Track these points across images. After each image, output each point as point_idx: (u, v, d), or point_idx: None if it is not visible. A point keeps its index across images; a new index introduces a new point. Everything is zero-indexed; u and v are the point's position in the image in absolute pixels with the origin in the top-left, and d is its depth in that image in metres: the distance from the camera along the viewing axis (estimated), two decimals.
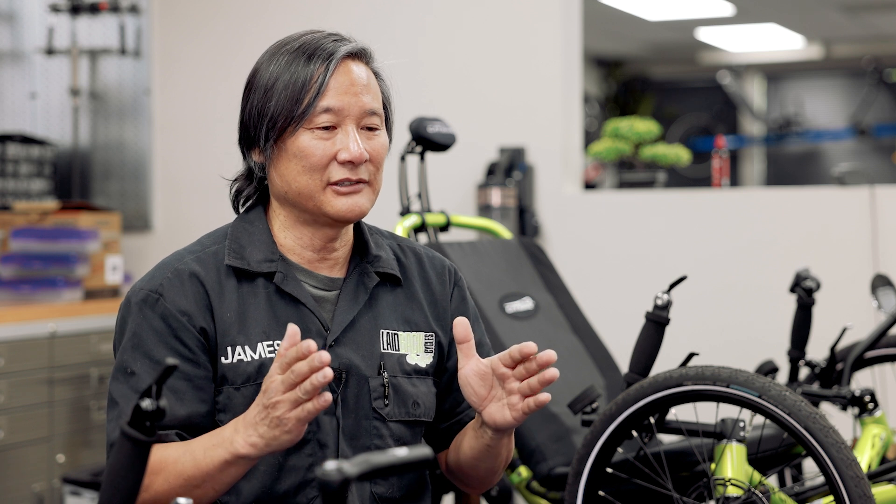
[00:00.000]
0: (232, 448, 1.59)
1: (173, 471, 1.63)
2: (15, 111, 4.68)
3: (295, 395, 1.52)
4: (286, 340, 1.53)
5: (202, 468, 1.61)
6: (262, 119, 1.75)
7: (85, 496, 3.73)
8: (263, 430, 1.56)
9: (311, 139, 1.74)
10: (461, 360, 1.71)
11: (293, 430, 1.54)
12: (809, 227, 3.81)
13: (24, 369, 3.73)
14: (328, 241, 1.80)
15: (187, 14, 4.56)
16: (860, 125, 10.73)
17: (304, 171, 1.74)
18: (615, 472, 2.33)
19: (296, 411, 1.53)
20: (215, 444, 1.61)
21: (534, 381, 1.66)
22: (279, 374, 1.53)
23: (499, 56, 4.16)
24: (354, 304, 1.80)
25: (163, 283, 1.74)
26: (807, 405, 2.12)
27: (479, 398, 1.70)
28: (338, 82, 1.74)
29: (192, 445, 1.64)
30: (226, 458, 1.59)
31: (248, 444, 1.57)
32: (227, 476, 1.62)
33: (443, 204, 3.78)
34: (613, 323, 3.53)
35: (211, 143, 4.43)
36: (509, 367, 1.67)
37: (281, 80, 1.74)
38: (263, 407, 1.55)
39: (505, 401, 1.69)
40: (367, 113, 1.77)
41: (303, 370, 1.51)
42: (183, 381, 1.70)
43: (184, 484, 1.62)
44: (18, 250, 4.12)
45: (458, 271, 1.94)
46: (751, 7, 8.86)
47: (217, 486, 1.63)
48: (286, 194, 1.77)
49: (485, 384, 1.70)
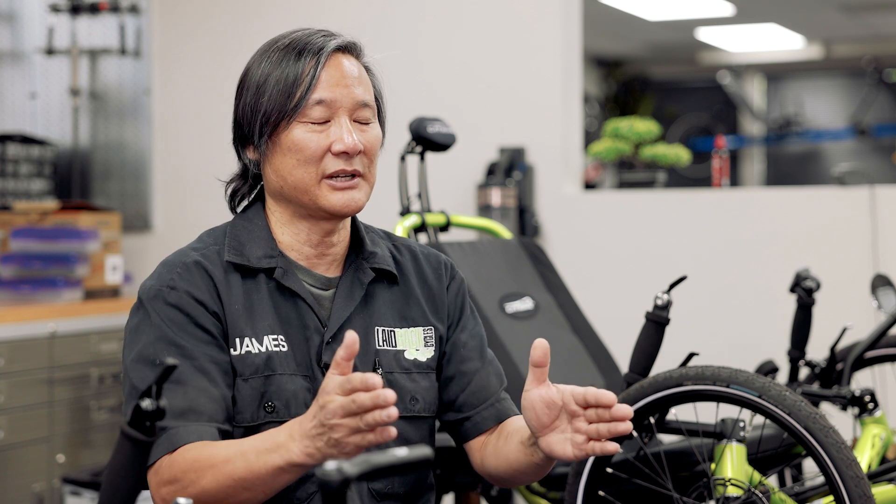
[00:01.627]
0: (288, 456, 1.55)
1: (224, 471, 1.60)
2: (15, 111, 4.68)
3: (356, 423, 1.47)
4: (343, 350, 1.49)
5: (255, 472, 1.58)
6: (256, 115, 1.76)
7: (85, 496, 3.73)
8: (321, 446, 1.52)
9: (304, 132, 1.75)
10: (531, 382, 1.67)
11: (352, 452, 1.51)
12: (809, 227, 3.81)
13: (24, 369, 3.73)
14: (325, 236, 1.81)
15: (187, 14, 4.56)
16: (860, 125, 10.73)
17: (299, 164, 1.75)
18: (615, 472, 2.33)
19: (356, 438, 1.49)
20: (268, 448, 1.58)
21: (604, 430, 1.62)
22: (339, 395, 1.48)
23: (499, 56, 4.16)
24: (350, 300, 1.80)
25: (174, 276, 1.74)
26: (807, 405, 2.12)
27: (540, 425, 1.66)
28: (329, 75, 1.76)
29: (244, 447, 1.61)
30: (280, 465, 1.56)
31: (304, 454, 1.54)
32: (280, 482, 1.59)
33: (443, 204, 3.78)
34: (613, 323, 3.53)
35: (211, 143, 4.43)
36: (581, 406, 1.63)
37: (272, 76, 1.75)
38: (321, 423, 1.51)
39: (569, 435, 1.65)
40: (359, 105, 1.77)
41: (366, 404, 1.46)
42: (213, 365, 1.70)
43: (234, 485, 1.59)
44: (18, 250, 4.12)
45: (454, 266, 1.94)
46: (751, 7, 8.86)
47: (268, 490, 1.60)
48: (282, 189, 1.78)
49: (550, 414, 1.65)
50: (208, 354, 1.70)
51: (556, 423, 1.65)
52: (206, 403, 1.67)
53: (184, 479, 1.62)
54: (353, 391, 1.47)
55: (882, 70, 10.69)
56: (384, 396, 1.45)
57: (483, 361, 1.89)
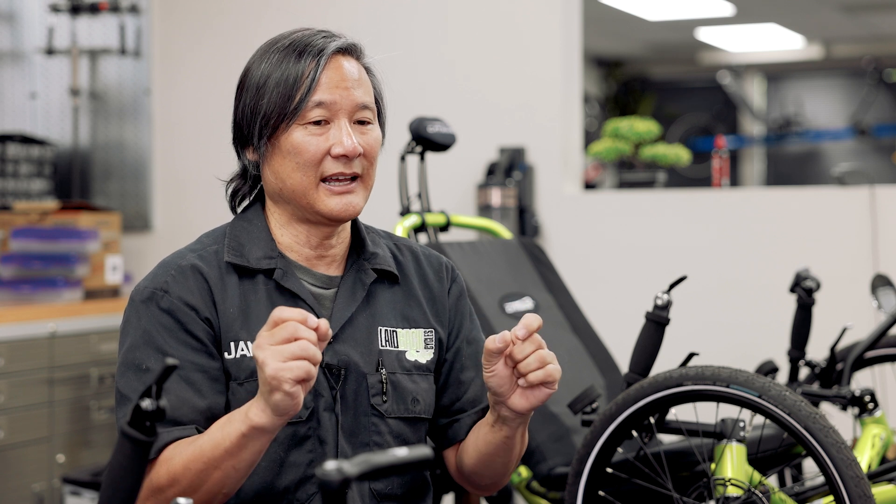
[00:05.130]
0: (248, 420, 1.57)
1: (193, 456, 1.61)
2: (15, 111, 4.68)
3: (279, 348, 1.50)
4: (293, 316, 1.53)
5: (220, 446, 1.59)
6: (255, 117, 1.76)
7: (85, 496, 3.73)
8: (267, 396, 1.54)
9: (304, 135, 1.75)
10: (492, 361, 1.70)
11: (281, 384, 1.51)
12: (809, 227, 3.81)
13: (24, 369, 3.73)
14: (324, 239, 1.81)
15: (187, 14, 4.56)
16: (860, 125, 10.73)
17: (298, 167, 1.75)
18: (615, 472, 2.33)
19: (289, 365, 1.50)
20: (230, 419, 1.61)
21: (528, 348, 1.66)
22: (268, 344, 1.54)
23: (499, 56, 4.16)
24: (352, 301, 1.80)
25: (167, 279, 1.74)
26: (807, 405, 2.12)
27: (504, 381, 1.69)
28: (329, 77, 1.75)
29: (211, 429, 1.63)
30: (242, 431, 1.58)
31: (259, 410, 1.56)
32: (247, 453, 1.59)
33: (443, 204, 3.78)
34: (613, 323, 3.53)
35: (211, 143, 4.43)
36: (523, 340, 1.67)
37: (272, 77, 1.75)
38: (259, 368, 1.54)
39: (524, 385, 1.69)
40: (359, 107, 1.77)
41: (287, 328, 1.51)
42: (199, 374, 1.70)
43: (205, 468, 1.60)
44: (18, 250, 4.12)
45: (454, 268, 1.95)
46: (751, 7, 8.86)
47: (237, 464, 1.60)
48: (280, 191, 1.78)
49: (501, 359, 1.69)
50: (196, 363, 1.70)
51: (513, 379, 1.70)
52: (188, 414, 1.68)
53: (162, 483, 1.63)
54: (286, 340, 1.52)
55: (882, 70, 10.69)
56: (304, 314, 1.51)
57: (478, 370, 1.89)
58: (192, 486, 1.62)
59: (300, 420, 1.73)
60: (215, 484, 1.62)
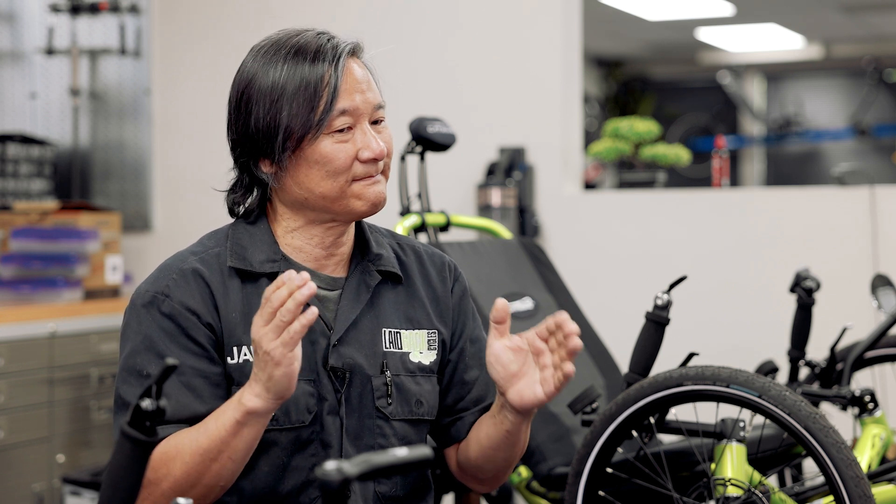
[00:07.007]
0: (241, 406, 1.58)
1: (189, 449, 1.61)
2: (15, 111, 4.68)
3: (276, 321, 1.52)
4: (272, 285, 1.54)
5: (216, 436, 1.60)
6: (276, 131, 1.71)
7: (85, 496, 3.73)
8: (259, 374, 1.55)
9: (332, 144, 1.72)
10: (493, 336, 1.71)
11: (282, 360, 1.53)
12: (809, 227, 3.81)
13: (24, 369, 3.73)
14: (338, 237, 1.80)
15: (187, 14, 4.56)
16: (860, 125, 10.73)
17: (328, 175, 1.73)
18: (615, 472, 2.33)
19: (281, 337, 1.53)
20: (225, 408, 1.61)
21: (563, 352, 1.68)
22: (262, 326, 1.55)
23: (499, 56, 4.16)
24: (357, 303, 1.79)
25: (168, 283, 1.72)
26: (807, 405, 2.12)
27: (508, 375, 1.70)
28: (346, 83, 1.73)
29: (205, 421, 1.63)
30: (237, 419, 1.58)
31: (253, 395, 1.57)
32: (242, 441, 1.60)
33: (443, 204, 3.78)
34: (613, 323, 3.53)
35: (211, 143, 4.43)
36: (544, 338, 1.69)
37: (289, 88, 1.71)
38: (255, 354, 1.56)
39: (538, 377, 1.69)
40: (375, 108, 1.77)
41: (282, 295, 1.52)
42: (200, 379, 1.69)
43: (202, 460, 1.60)
44: (18, 250, 4.12)
45: (457, 267, 1.94)
46: (751, 7, 8.86)
47: (234, 455, 1.60)
48: (306, 200, 1.75)
49: (518, 359, 1.70)
50: (197, 368, 1.69)
51: (524, 370, 1.70)
52: (189, 420, 1.67)
53: (156, 476, 1.62)
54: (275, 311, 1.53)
55: (882, 70, 10.69)
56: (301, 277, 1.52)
57: (482, 369, 1.88)
58: (190, 481, 1.62)
59: (303, 424, 1.72)
60: (213, 476, 1.62)
